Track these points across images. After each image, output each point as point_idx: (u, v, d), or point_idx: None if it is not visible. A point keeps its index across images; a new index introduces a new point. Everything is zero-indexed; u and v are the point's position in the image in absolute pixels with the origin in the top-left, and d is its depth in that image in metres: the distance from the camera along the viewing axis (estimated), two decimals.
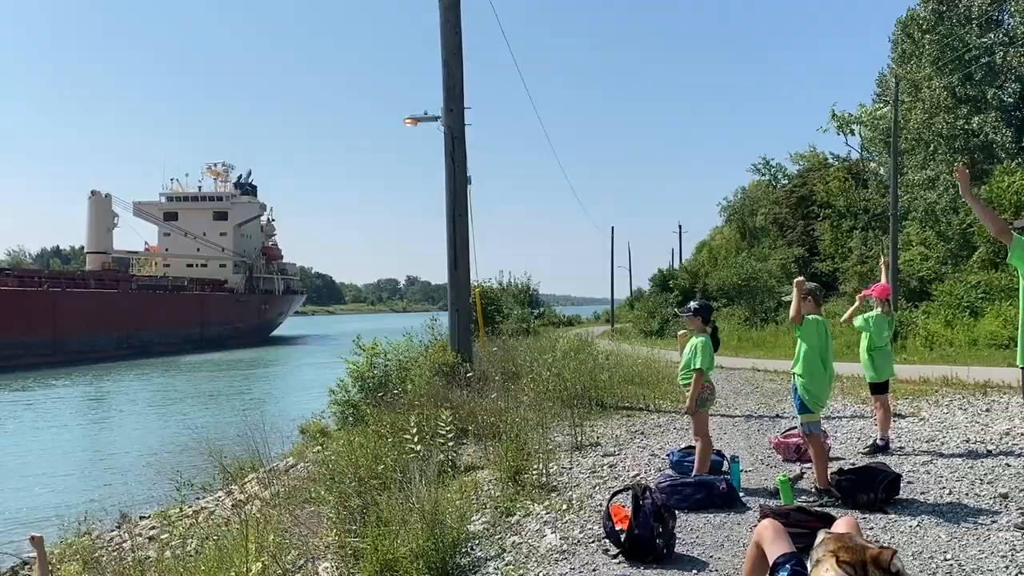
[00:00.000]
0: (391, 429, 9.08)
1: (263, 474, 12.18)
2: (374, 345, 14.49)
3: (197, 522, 10.97)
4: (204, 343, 74.60)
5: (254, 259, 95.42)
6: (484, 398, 11.43)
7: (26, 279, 63.58)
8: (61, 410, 35.83)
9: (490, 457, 8.95)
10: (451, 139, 14.46)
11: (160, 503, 15.95)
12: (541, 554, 6.10)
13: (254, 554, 5.84)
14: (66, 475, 22.04)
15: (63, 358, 56.75)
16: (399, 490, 6.73)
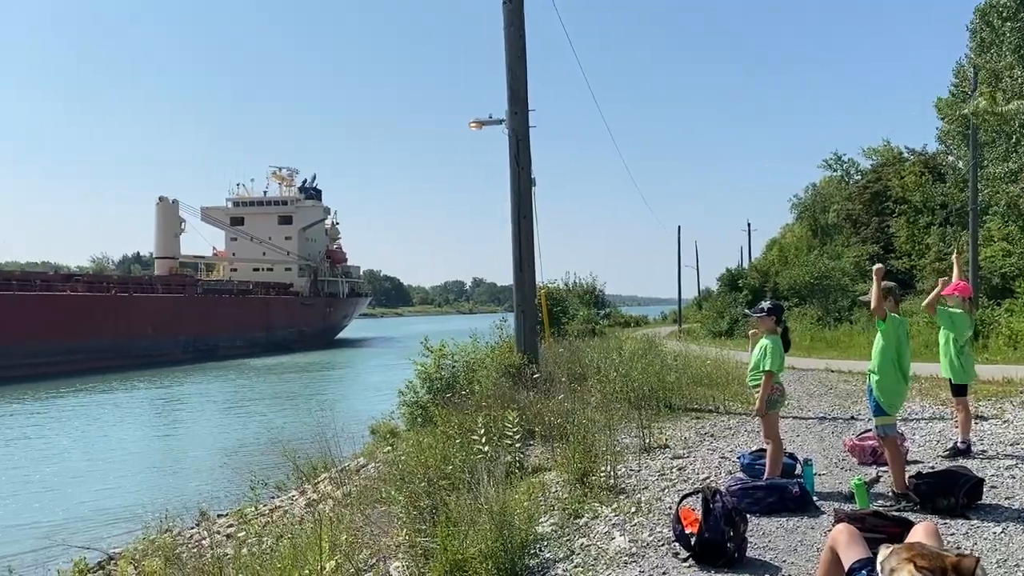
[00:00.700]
0: (459, 430, 9.16)
1: (335, 474, 12.41)
2: (441, 347, 14.64)
3: (272, 520, 11.25)
4: (270, 346, 75.77)
5: (318, 262, 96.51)
6: (551, 399, 11.43)
7: (95, 284, 65.17)
8: (135, 412, 37.13)
9: (557, 459, 8.95)
10: (515, 142, 14.51)
11: (236, 502, 16.42)
12: (610, 557, 6.08)
13: (328, 552, 5.97)
14: (145, 474, 22.84)
15: (131, 361, 58.15)
16: (468, 491, 6.79)
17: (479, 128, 15.82)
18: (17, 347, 49.72)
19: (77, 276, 70.13)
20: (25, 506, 18.72)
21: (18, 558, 13.75)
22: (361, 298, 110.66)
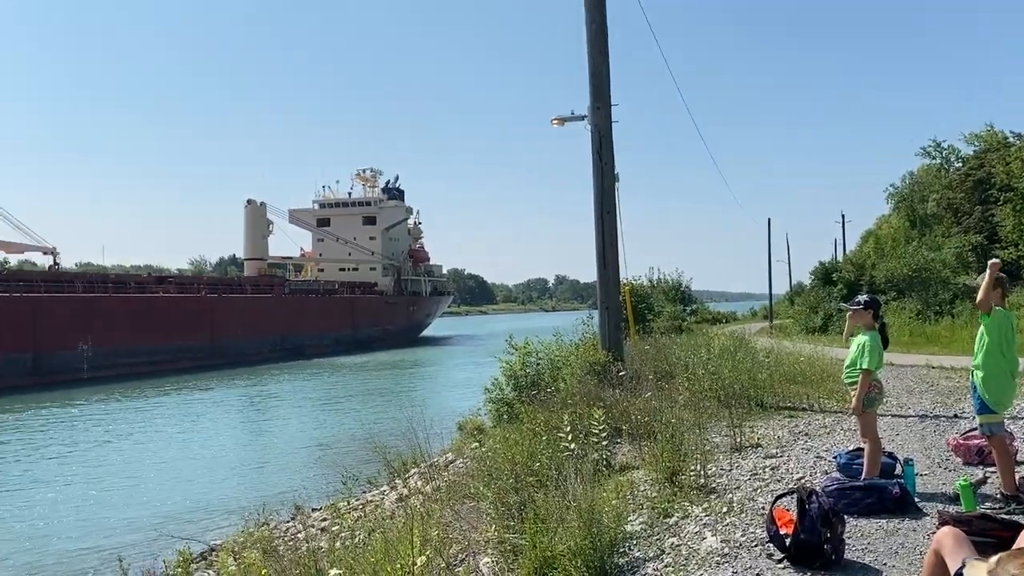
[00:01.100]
0: (545, 427, 9.16)
1: (424, 469, 12.60)
2: (526, 344, 14.68)
3: (364, 515, 11.48)
4: (355, 345, 76.94)
5: (402, 262, 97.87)
6: (637, 397, 11.32)
7: (186, 286, 67.71)
8: (229, 410, 38.53)
9: (645, 457, 8.85)
10: (598, 137, 14.42)
11: (329, 496, 16.88)
12: (701, 556, 5.99)
13: (419, 547, 6.06)
14: (242, 469, 23.69)
15: (221, 361, 59.98)
16: (555, 488, 6.79)
17: (561, 125, 15.79)
18: (115, 348, 51.86)
19: (170, 278, 72.50)
20: (135, 500, 19.67)
21: (129, 548, 14.44)
22: (444, 297, 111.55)
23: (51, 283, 54.12)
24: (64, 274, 59.90)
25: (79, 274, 62.99)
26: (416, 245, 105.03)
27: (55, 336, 48.69)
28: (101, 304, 53.73)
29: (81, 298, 53.29)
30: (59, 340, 48.83)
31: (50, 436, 29.43)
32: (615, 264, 14.73)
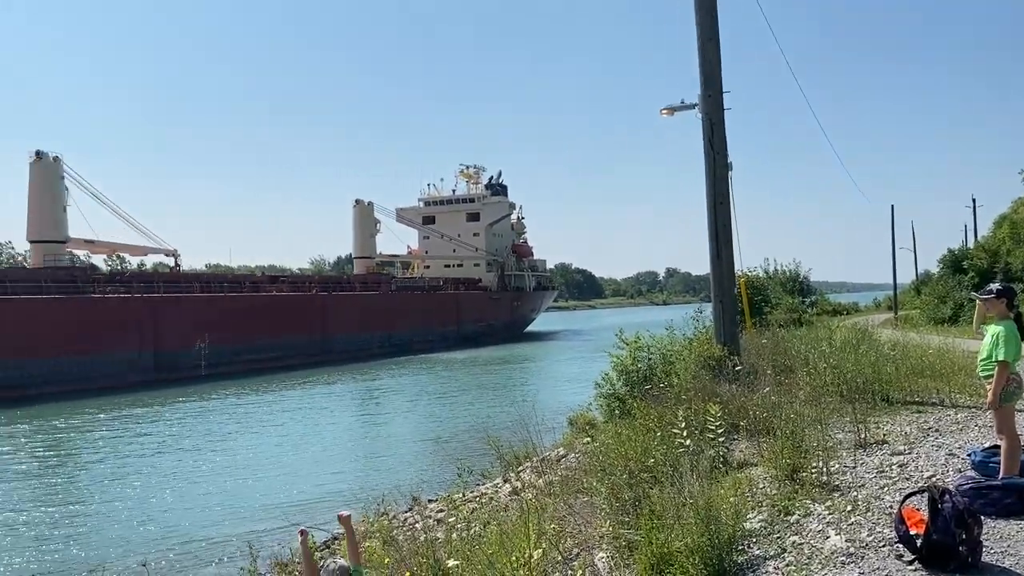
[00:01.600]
0: (659, 423, 9.06)
1: (536, 463, 12.67)
2: (637, 339, 14.53)
3: (479, 507, 11.66)
4: (460, 340, 77.72)
5: (505, 257, 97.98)
6: (755, 392, 11.02)
7: (299, 284, 69.77)
8: (343, 404, 39.82)
9: (764, 454, 8.62)
10: (709, 125, 14.11)
11: (445, 487, 17.24)
12: (825, 556, 5.79)
13: (534, 540, 6.11)
14: (360, 461, 24.50)
15: (330, 357, 61.61)
16: (671, 484, 6.71)
17: (671, 115, 15.52)
18: (230, 346, 53.92)
19: (282, 278, 74.59)
20: (262, 490, 20.66)
21: (257, 536, 15.18)
22: (548, 291, 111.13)
23: (170, 284, 56.90)
24: (182, 275, 62.72)
25: (197, 275, 65.48)
26: (519, 240, 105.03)
27: (174, 335, 50.87)
28: (216, 304, 56.09)
29: (197, 298, 55.75)
30: (177, 339, 50.99)
31: (180, 430, 31.24)
32: (729, 255, 14.38)
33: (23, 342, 42.31)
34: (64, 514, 18.80)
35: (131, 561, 14.71)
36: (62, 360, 43.72)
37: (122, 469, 23.59)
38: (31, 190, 53.44)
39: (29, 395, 40.24)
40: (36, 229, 53.75)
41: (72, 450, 27.62)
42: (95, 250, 63.52)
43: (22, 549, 16.09)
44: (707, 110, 14.13)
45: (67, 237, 55.18)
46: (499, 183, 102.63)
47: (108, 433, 30.56)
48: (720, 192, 14.17)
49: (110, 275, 58.33)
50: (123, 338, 47.69)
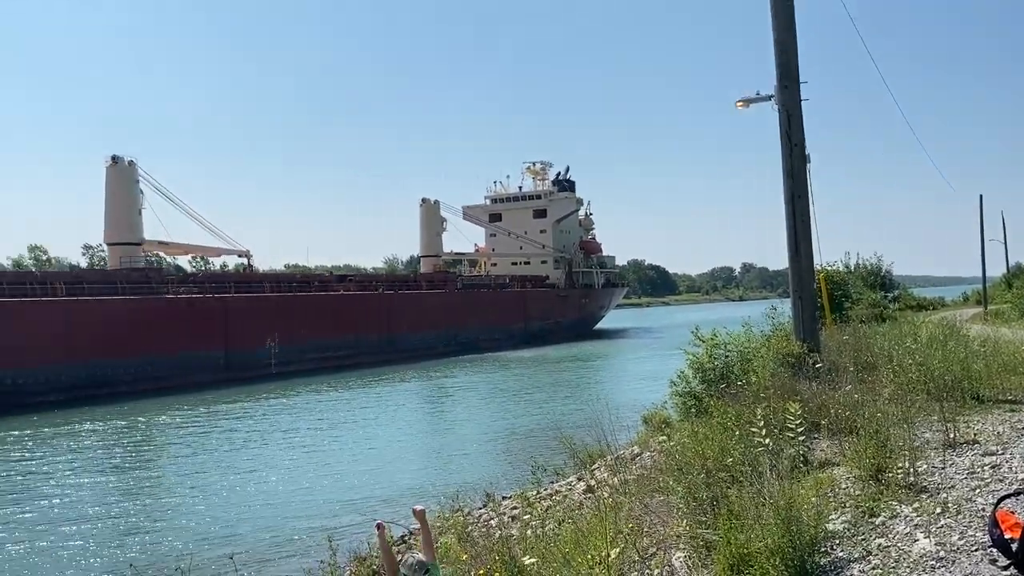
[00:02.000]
0: (736, 421, 8.89)
1: (611, 461, 12.59)
2: (713, 336, 14.30)
3: (553, 504, 11.65)
4: (527, 338, 77.51)
5: (573, 254, 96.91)
6: (836, 390, 10.72)
7: (366, 284, 70.52)
8: (412, 401, 40.41)
9: (846, 453, 8.38)
10: (786, 117, 13.77)
11: (518, 484, 17.29)
12: (913, 559, 5.59)
13: (610, 539, 6.07)
14: (434, 457, 24.79)
15: (397, 356, 62.03)
16: (749, 484, 6.58)
17: (746, 107, 15.20)
18: (299, 345, 54.63)
19: (350, 277, 75.05)
20: (339, 484, 21.11)
21: (336, 530, 15.51)
22: (617, 288, 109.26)
23: (241, 284, 58.15)
24: (253, 275, 63.85)
25: (267, 275, 66.52)
26: (588, 236, 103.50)
27: (244, 334, 51.92)
28: (285, 303, 57.08)
29: (267, 298, 56.78)
30: (248, 338, 52.07)
31: (258, 427, 32.17)
32: (808, 250, 14.02)
33: (102, 343, 43.50)
34: (155, 507, 19.59)
35: (218, 553, 15.20)
36: (138, 360, 45.21)
37: (206, 465, 24.43)
38: (107, 194, 55.06)
39: (112, 393, 41.83)
40: (112, 231, 55.40)
41: (159, 446, 28.74)
42: (169, 251, 64.87)
43: (117, 539, 16.82)
44: (783, 101, 13.79)
45: (142, 239, 56.59)
46: (566, 179, 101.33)
47: (191, 430, 31.70)
48: (798, 186, 13.82)
49: (183, 276, 60.54)
50: (196, 338, 48.78)
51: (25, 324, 40.95)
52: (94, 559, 15.68)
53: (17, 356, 39.76)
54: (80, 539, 17.00)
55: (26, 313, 41.67)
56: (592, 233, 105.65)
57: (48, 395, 40.26)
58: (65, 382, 41.51)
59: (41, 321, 41.89)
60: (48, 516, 18.98)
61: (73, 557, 15.85)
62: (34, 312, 42.13)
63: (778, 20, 13.79)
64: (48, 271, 69.63)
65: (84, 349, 42.70)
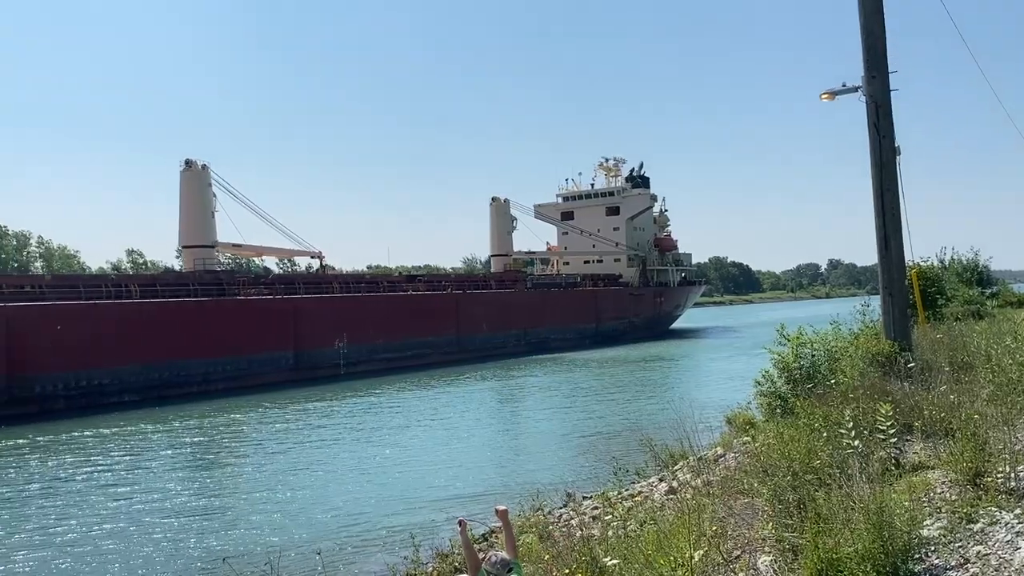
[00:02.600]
0: (824, 422, 8.65)
1: (693, 462, 12.42)
2: (799, 335, 13.94)
3: (634, 505, 11.57)
4: (599, 338, 75.99)
5: (647, 251, 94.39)
6: (930, 391, 10.32)
7: (435, 283, 70.03)
8: (486, 401, 40.42)
9: (942, 456, 8.06)
10: (874, 108, 13.32)
11: (598, 484, 17.23)
12: (1015, 568, 5.35)
13: (694, 541, 5.99)
14: (512, 456, 24.88)
15: (467, 356, 61.67)
16: (838, 487, 6.41)
17: (832, 99, 14.77)
18: (368, 345, 54.62)
19: (419, 277, 74.28)
20: (420, 483, 21.41)
21: (418, 526, 15.76)
22: (694, 286, 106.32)
23: (310, 285, 58.59)
24: (322, 276, 64.33)
25: (336, 275, 65.69)
26: (663, 233, 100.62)
27: (313, 335, 51.98)
28: (354, 304, 56.78)
29: (336, 298, 56.72)
30: (317, 338, 52.13)
31: (334, 426, 32.85)
32: (898, 245, 13.53)
33: (174, 344, 44.19)
34: (242, 502, 20.26)
35: (303, 548, 15.62)
36: (209, 361, 45.90)
37: (287, 462, 25.09)
38: (181, 198, 56.19)
39: (183, 394, 42.99)
40: (186, 235, 56.35)
41: (241, 445, 29.65)
42: (242, 253, 65.53)
43: (212, 533, 17.46)
44: (871, 92, 13.35)
45: (215, 241, 57.34)
46: (640, 175, 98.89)
47: (269, 429, 32.62)
48: (887, 179, 13.35)
49: (254, 278, 60.53)
50: (265, 339, 49.26)
51: (99, 326, 41.55)
52: (191, 550, 16.34)
53: (91, 357, 40.56)
54: (175, 532, 17.73)
55: (101, 315, 42.27)
56: (667, 230, 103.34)
57: (122, 396, 41.34)
58: (138, 383, 42.56)
59: (115, 323, 42.57)
60: (145, 509, 19.87)
61: (169, 548, 16.55)
62: (109, 314, 42.81)
63: (865, 6, 13.37)
64: (124, 274, 71.75)
65: (156, 351, 43.51)
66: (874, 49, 13.34)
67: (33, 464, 26.16)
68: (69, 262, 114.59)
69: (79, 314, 41.28)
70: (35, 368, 38.59)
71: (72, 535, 17.66)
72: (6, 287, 42.03)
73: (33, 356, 38.49)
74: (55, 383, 39.60)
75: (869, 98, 13.38)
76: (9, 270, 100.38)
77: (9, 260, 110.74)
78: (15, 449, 28.81)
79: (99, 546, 16.72)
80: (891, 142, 13.40)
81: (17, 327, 38.72)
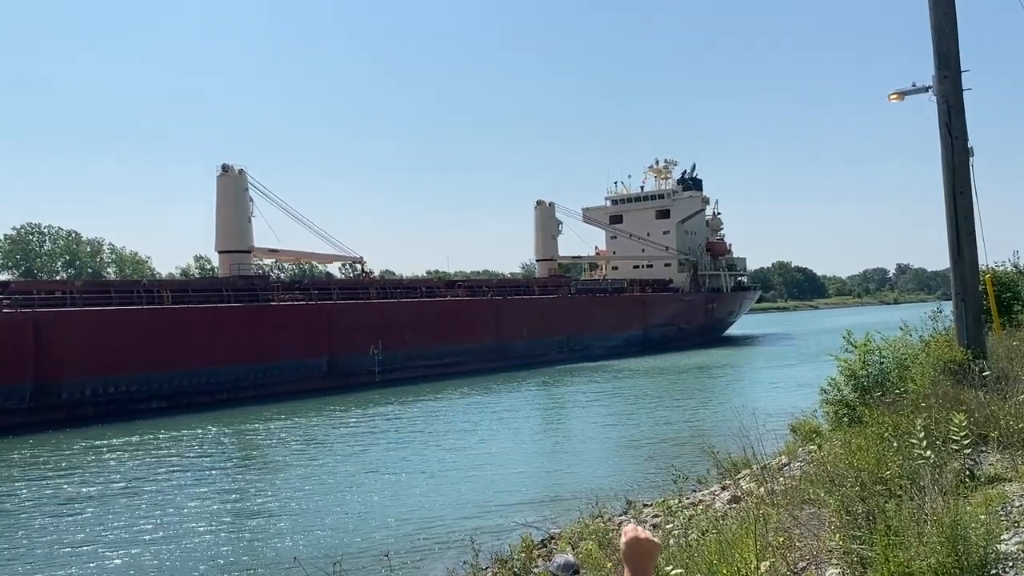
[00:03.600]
0: (894, 432, 8.42)
1: (757, 471, 12.20)
2: (866, 341, 13.59)
3: (696, 513, 11.41)
4: (647, 345, 74.10)
5: (699, 256, 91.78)
6: (1007, 400, 9.95)
7: (475, 288, 68.03)
8: (532, 407, 39.94)
9: (1020, 468, 7.77)
10: (946, 109, 12.92)
11: (658, 492, 17.04)
12: None
13: (759, 551, 5.88)
14: (568, 463, 24.74)
15: (507, 363, 59.87)
16: (909, 499, 6.22)
17: (900, 99, 14.39)
18: (405, 351, 53.72)
19: (459, 282, 71.80)
20: (477, 488, 21.49)
21: (478, 532, 15.80)
22: (748, 292, 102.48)
23: (345, 290, 57.27)
24: (359, 282, 63.02)
25: (373, 280, 64.73)
26: (715, 237, 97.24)
27: (348, 341, 50.92)
28: (390, 309, 55.86)
29: (371, 304, 55.65)
30: (351, 344, 51.10)
31: (379, 432, 33.10)
32: (972, 250, 13.09)
33: (204, 350, 43.80)
34: (311, 506, 20.60)
35: (373, 552, 15.78)
36: (240, 367, 45.51)
37: (341, 468, 25.26)
38: (218, 202, 55.38)
39: (214, 401, 42.60)
40: (223, 239, 55.39)
41: (292, 451, 30.04)
42: (280, 258, 64.40)
43: (280, 535, 17.81)
44: (943, 92, 12.96)
45: (251, 247, 56.20)
46: (692, 177, 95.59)
47: (322, 435, 33.03)
48: (960, 181, 12.94)
49: (288, 283, 59.66)
50: (297, 345, 48.54)
51: (127, 331, 41.36)
52: (261, 552, 16.70)
53: (119, 363, 40.28)
54: (243, 532, 18.15)
55: (129, 320, 42.09)
56: (720, 234, 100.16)
57: (151, 403, 41.21)
58: (167, 390, 42.39)
59: (143, 328, 42.33)
60: (211, 511, 20.38)
61: (238, 549, 16.94)
62: (137, 319, 42.59)
63: (936, 7, 12.99)
64: (156, 280, 69.70)
65: (185, 357, 43.13)
66: (945, 48, 12.96)
67: (111, 464, 27.12)
68: (140, 268, 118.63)
69: (107, 320, 41.17)
70: (63, 374, 38.59)
71: (148, 535, 18.27)
72: (36, 292, 41.98)
73: (60, 362, 38.47)
74: (83, 389, 39.49)
75: (940, 98, 13.00)
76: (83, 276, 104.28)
77: (84, 267, 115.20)
78: (89, 451, 29.86)
79: (180, 544, 17.26)
80: (964, 143, 13.00)
81: (44, 332, 38.71)
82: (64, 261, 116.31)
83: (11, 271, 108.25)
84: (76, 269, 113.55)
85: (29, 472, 25.94)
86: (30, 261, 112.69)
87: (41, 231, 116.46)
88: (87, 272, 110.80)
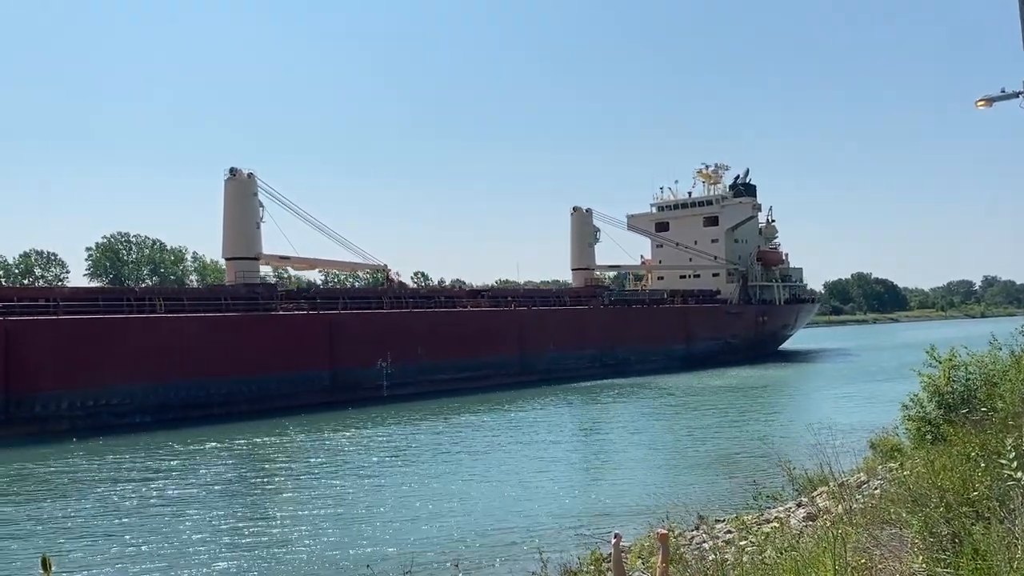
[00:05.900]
0: (981, 451, 8.08)
1: (834, 488, 11.86)
2: (951, 357, 13.11)
3: (771, 531, 11.15)
4: (690, 360, 69.25)
5: (749, 266, 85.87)
6: None
7: (499, 298, 64.21)
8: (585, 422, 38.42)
9: None
10: None
11: (730, 507, 16.71)
12: None
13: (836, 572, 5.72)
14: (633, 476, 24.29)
15: (533, 377, 56.39)
16: (999, 521, 5.96)
17: (988, 106, 13.88)
18: (416, 365, 50.87)
19: (483, 291, 67.73)
20: (540, 498, 21.39)
21: (545, 544, 15.72)
22: (806, 304, 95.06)
23: (356, 299, 54.43)
24: (370, 291, 60.07)
25: (387, 290, 60.49)
26: (768, 246, 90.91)
27: (353, 353, 48.14)
28: (399, 320, 52.72)
29: (379, 314, 52.74)
30: (357, 356, 48.27)
31: (422, 444, 32.89)
32: None
33: (193, 362, 41.62)
34: (371, 515, 20.81)
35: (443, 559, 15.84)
36: (234, 380, 43.04)
37: (388, 478, 25.19)
38: (225, 207, 53.13)
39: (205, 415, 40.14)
40: (230, 246, 53.18)
41: (334, 461, 30.15)
42: (292, 265, 61.89)
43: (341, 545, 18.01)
44: None
45: (259, 253, 53.74)
46: (745, 182, 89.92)
47: (343, 447, 33.04)
48: None
49: (292, 292, 56.91)
50: (298, 357, 46.02)
51: (110, 341, 39.10)
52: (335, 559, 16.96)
53: (99, 375, 38.06)
54: (309, 539, 18.45)
55: (112, 330, 39.67)
56: (775, 243, 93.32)
57: (134, 417, 38.87)
58: (152, 403, 39.90)
59: (127, 338, 39.81)
60: (279, 518, 20.79)
61: (308, 555, 17.24)
62: (121, 329, 40.08)
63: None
64: (148, 287, 65.94)
65: (172, 368, 40.65)
66: None
67: (149, 472, 27.84)
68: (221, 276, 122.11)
69: (85, 329, 38.77)
70: (36, 385, 36.45)
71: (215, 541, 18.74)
72: (17, 300, 39.30)
73: (33, 373, 36.31)
74: (58, 402, 37.08)
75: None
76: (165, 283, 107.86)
77: (168, 274, 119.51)
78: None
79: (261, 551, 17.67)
80: None
81: (15, 342, 36.46)
82: (150, 268, 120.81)
83: (100, 278, 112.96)
84: (160, 276, 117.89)
85: None
86: (118, 268, 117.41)
87: (128, 240, 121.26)
88: (170, 280, 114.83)
